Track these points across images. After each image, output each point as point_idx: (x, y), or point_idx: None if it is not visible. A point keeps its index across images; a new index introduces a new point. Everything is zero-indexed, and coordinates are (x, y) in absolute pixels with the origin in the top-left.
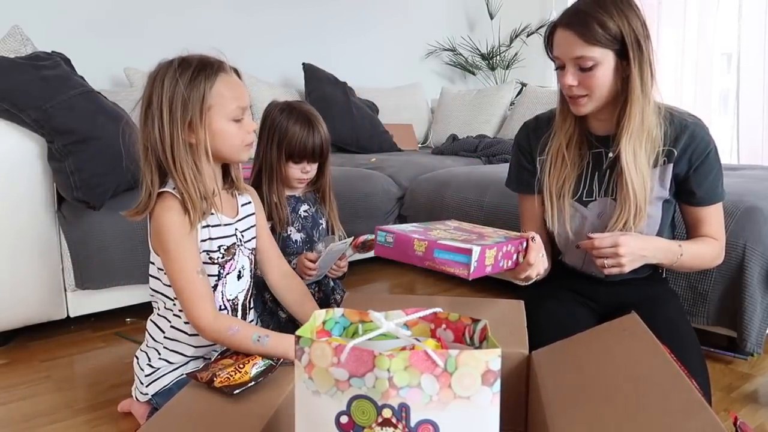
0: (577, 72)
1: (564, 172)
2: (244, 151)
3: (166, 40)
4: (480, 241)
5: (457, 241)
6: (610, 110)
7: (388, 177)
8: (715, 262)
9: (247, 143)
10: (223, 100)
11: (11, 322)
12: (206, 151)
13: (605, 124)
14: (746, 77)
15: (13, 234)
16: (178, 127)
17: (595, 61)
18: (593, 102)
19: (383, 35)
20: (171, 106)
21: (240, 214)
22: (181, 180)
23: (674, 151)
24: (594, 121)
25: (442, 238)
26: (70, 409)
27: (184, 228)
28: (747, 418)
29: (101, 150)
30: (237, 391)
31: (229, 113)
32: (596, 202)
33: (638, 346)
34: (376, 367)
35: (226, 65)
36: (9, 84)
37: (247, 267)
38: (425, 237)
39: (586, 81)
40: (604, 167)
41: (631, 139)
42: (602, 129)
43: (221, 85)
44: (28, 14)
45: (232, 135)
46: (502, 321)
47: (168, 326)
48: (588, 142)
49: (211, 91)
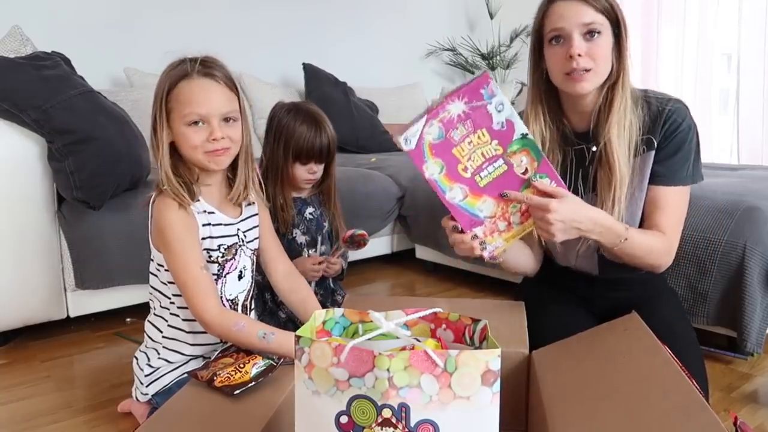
0: (582, 42)
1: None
2: (206, 158)
3: (166, 40)
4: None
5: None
6: (594, 97)
7: (388, 177)
8: (660, 261)
9: (208, 150)
10: (179, 104)
11: (11, 322)
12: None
13: (584, 117)
14: (746, 77)
15: (13, 234)
16: (153, 125)
17: (601, 27)
18: (596, 77)
19: (383, 35)
20: (152, 106)
21: (243, 214)
22: (161, 175)
23: (653, 139)
24: (573, 115)
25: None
26: (70, 409)
27: (185, 223)
28: (747, 418)
29: (101, 150)
30: (237, 391)
31: (183, 117)
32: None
33: (639, 346)
34: (375, 367)
35: (194, 68)
36: (9, 84)
37: (248, 267)
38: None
39: (593, 50)
40: (587, 163)
41: (617, 127)
42: (582, 124)
43: (181, 89)
44: (28, 14)
45: (188, 139)
46: (502, 321)
47: (165, 325)
48: (568, 140)
49: (169, 94)
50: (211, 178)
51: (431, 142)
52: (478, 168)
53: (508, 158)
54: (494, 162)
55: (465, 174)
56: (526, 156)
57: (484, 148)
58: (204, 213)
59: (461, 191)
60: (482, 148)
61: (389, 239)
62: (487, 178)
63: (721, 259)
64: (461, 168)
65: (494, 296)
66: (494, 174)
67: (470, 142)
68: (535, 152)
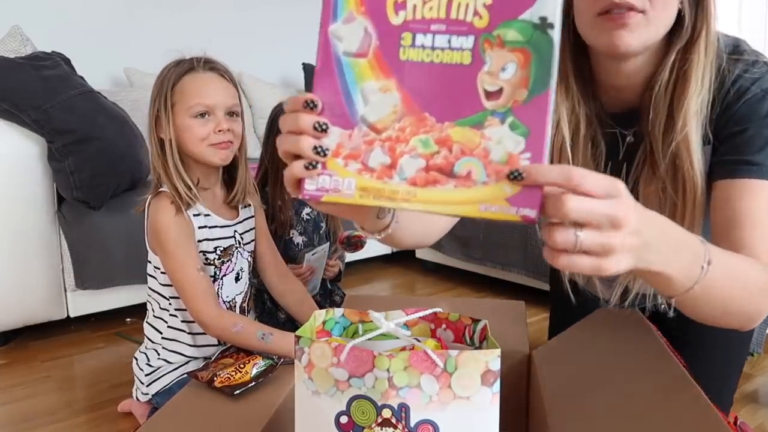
0: None
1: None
2: (210, 151)
3: (165, 40)
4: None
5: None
6: (644, 63)
7: None
8: (761, 304)
9: (213, 143)
10: (184, 96)
11: (11, 322)
12: (170, 146)
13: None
14: None
15: (13, 234)
16: (153, 123)
17: None
18: (648, 27)
19: None
20: (150, 105)
21: (240, 216)
22: (161, 174)
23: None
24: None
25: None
26: (70, 409)
27: (181, 226)
28: (747, 418)
29: (101, 150)
30: (237, 391)
31: (189, 109)
32: None
33: (637, 341)
34: (375, 367)
35: (200, 63)
36: (9, 84)
37: (246, 269)
38: None
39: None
40: (619, 157)
41: (697, 116)
42: (617, 103)
43: (186, 82)
44: (28, 14)
45: (193, 131)
46: (502, 321)
47: (165, 327)
48: (600, 122)
49: (174, 88)
50: (209, 180)
51: None
52: (420, 23)
53: (483, 44)
54: (455, 33)
55: (394, 17)
56: (517, 63)
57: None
58: (200, 215)
59: (362, 43)
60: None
61: None
62: (421, 53)
63: None
64: (392, 3)
65: (494, 296)
66: (441, 57)
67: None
68: (539, 70)
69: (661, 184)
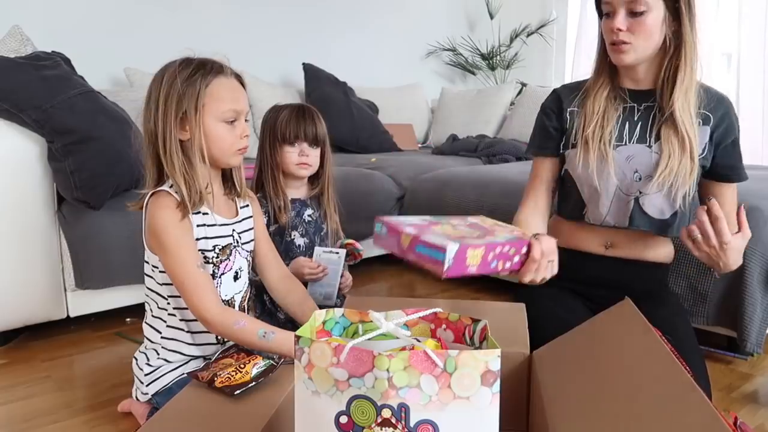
0: (626, 18)
1: (600, 119)
2: (235, 156)
3: (166, 40)
4: (476, 239)
5: (441, 236)
6: (649, 68)
7: (388, 177)
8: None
9: (238, 148)
10: (216, 100)
11: (11, 322)
12: (199, 149)
13: (641, 82)
14: (746, 77)
15: (13, 234)
16: (171, 121)
17: (647, 6)
18: (636, 52)
19: (383, 35)
20: (167, 101)
21: (239, 215)
22: (173, 175)
23: (710, 116)
24: (627, 80)
25: (433, 233)
26: (70, 409)
27: (181, 224)
28: (747, 418)
29: (101, 150)
30: (238, 391)
31: (221, 114)
32: (625, 147)
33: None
34: (375, 367)
35: (226, 68)
36: (9, 84)
37: (244, 268)
38: (417, 231)
39: (635, 27)
40: (635, 118)
41: (683, 93)
42: (636, 86)
43: (217, 85)
44: (28, 14)
45: (222, 137)
46: (503, 321)
47: (164, 326)
48: (620, 98)
49: (206, 89)
50: (216, 181)
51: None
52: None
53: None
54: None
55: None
56: None
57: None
58: (199, 213)
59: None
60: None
61: None
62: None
63: None
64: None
65: (494, 297)
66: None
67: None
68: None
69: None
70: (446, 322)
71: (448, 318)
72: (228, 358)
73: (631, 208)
